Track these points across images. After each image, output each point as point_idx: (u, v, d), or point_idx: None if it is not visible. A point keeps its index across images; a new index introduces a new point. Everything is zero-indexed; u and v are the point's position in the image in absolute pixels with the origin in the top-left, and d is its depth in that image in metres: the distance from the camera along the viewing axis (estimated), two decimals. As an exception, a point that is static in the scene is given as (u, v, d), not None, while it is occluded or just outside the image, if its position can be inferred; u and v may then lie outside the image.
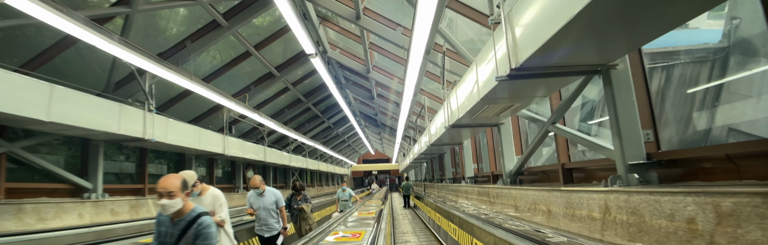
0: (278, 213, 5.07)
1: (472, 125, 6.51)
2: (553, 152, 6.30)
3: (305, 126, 17.01)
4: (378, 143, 36.75)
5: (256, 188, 5.03)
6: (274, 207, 5.02)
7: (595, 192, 3.28)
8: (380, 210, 9.37)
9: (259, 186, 5.03)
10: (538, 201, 4.48)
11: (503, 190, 5.80)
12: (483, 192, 6.96)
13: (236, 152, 10.78)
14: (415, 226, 11.19)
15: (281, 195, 5.14)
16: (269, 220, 5.00)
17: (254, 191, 5.06)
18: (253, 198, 5.09)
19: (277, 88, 11.81)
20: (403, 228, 11.03)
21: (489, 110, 5.18)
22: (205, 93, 8.07)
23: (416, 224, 11.73)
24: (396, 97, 12.68)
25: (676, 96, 3.72)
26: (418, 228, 10.85)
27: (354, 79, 13.42)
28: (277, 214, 5.05)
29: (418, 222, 12.35)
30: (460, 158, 11.41)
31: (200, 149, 8.92)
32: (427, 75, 8.65)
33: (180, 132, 8.21)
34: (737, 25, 3.44)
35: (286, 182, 19.48)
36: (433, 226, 9.52)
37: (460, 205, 8.31)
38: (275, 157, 14.52)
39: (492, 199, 6.41)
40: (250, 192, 5.12)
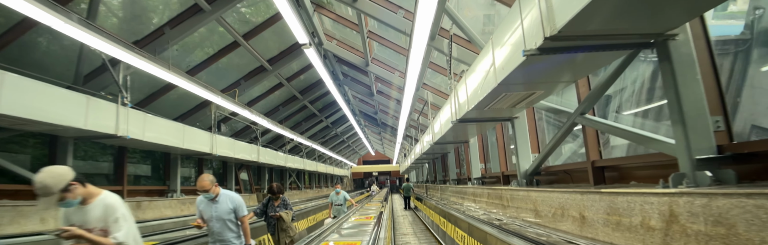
0: (238, 225, 3.68)
1: (482, 120, 5.81)
2: (576, 149, 5.59)
3: (302, 125, 16.31)
4: (378, 144, 36.04)
5: (205, 191, 3.56)
6: (231, 217, 3.60)
7: (654, 195, 2.56)
8: (380, 213, 8.67)
9: (210, 189, 3.55)
10: (567, 205, 3.76)
11: (519, 192, 5.08)
12: (494, 194, 6.24)
13: (226, 152, 10.07)
14: (415, 228, 10.94)
15: (241, 201, 3.71)
16: (226, 235, 3.60)
17: (204, 196, 3.61)
18: (203, 205, 3.66)
19: (270, 83, 11.11)
20: (404, 229, 10.79)
21: (505, 100, 4.48)
22: (188, 86, 7.37)
23: (417, 226, 11.48)
24: (397, 93, 11.98)
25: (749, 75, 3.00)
26: (419, 229, 10.63)
27: (352, 75, 12.73)
28: (236, 227, 3.66)
29: (419, 223, 12.07)
30: (466, 158, 10.69)
31: (185, 148, 8.21)
32: (430, 67, 7.96)
33: (161, 130, 7.50)
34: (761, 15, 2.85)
35: (283, 183, 18.76)
36: (438, 231, 8.79)
37: (466, 208, 7.60)
38: (270, 158, 13.81)
39: (505, 202, 5.69)
40: (198, 197, 3.70)
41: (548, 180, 5.70)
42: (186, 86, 7.41)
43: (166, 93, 8.18)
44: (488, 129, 7.37)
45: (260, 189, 15.46)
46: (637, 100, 4.23)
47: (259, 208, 5.25)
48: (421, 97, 10.69)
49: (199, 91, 7.78)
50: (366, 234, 5.08)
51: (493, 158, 8.88)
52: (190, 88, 7.53)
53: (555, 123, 5.89)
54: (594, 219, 3.29)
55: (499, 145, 7.49)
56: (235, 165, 12.92)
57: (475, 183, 8.60)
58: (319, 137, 20.69)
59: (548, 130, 6.07)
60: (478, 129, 7.54)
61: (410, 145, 20.32)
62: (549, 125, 6.09)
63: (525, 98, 4.39)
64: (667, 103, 2.81)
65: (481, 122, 5.95)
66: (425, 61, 7.67)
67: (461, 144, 10.29)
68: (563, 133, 4.61)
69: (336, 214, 8.15)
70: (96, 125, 5.91)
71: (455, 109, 5.75)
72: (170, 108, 9.17)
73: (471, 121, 5.83)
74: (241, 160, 11.98)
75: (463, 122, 5.82)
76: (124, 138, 6.42)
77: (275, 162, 14.36)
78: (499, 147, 7.48)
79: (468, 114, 5.30)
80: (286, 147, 16.25)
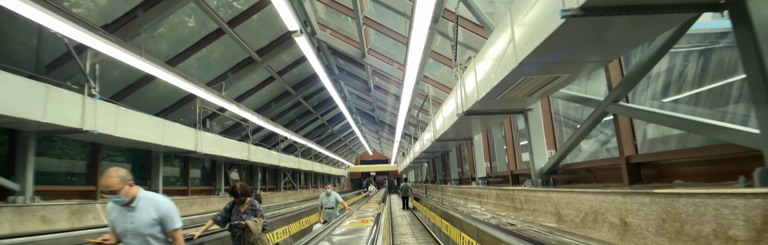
0: (167, 241, 2.56)
1: (491, 112, 5.18)
2: (600, 144, 4.96)
3: (296, 122, 15.65)
4: (376, 143, 35.40)
5: (113, 193, 2.39)
6: (155, 232, 2.48)
7: (739, 197, 1.94)
8: (378, 214, 8.05)
9: (118, 190, 2.39)
10: (601, 208, 3.13)
11: (536, 193, 4.45)
12: (504, 195, 5.60)
13: (213, 149, 9.41)
14: (414, 228, 11.04)
15: (171, 209, 2.55)
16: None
17: (113, 200, 2.46)
18: (115, 213, 2.53)
19: (260, 77, 10.45)
20: (402, 229, 10.87)
21: (522, 87, 3.84)
22: (167, 77, 6.71)
23: (415, 226, 11.56)
24: (395, 88, 11.34)
25: None
26: (417, 229, 10.75)
27: (348, 69, 12.08)
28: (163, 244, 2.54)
29: (417, 223, 12.15)
30: (469, 156, 10.06)
31: (164, 145, 7.55)
32: (433, 56, 7.33)
33: (136, 124, 6.84)
34: None
35: (276, 183, 18.10)
36: (440, 236, 8.15)
37: (470, 210, 6.97)
38: (262, 156, 13.15)
39: (518, 205, 5.05)
40: (108, 203, 2.57)
41: (566, 179, 5.08)
42: (164, 77, 6.75)
43: (145, 85, 7.52)
44: (496, 124, 6.75)
45: (253, 189, 14.79)
46: (680, 84, 3.60)
47: (221, 214, 4.16)
48: (421, 91, 10.07)
49: (180, 82, 7.12)
50: (362, 241, 4.45)
51: (499, 156, 8.26)
52: (170, 80, 6.87)
53: (575, 114, 5.26)
54: (641, 226, 2.66)
55: (508, 142, 6.86)
56: (225, 164, 12.25)
57: (480, 183, 7.97)
58: (315, 136, 20.02)
59: (566, 123, 5.44)
60: (483, 125, 6.91)
61: (409, 144, 19.71)
62: (566, 118, 5.46)
63: (546, 84, 3.75)
64: (746, 78, 2.18)
65: (489, 115, 5.32)
66: (427, 49, 7.04)
67: (464, 141, 9.66)
68: (590, 125, 3.98)
69: (327, 219, 7.35)
70: (57, 118, 5.24)
71: (461, 101, 5.11)
72: (151, 102, 8.51)
73: (479, 114, 5.19)
74: (231, 159, 11.32)
75: (469, 115, 5.18)
76: (92, 132, 5.76)
77: (268, 162, 13.69)
78: (508, 143, 6.85)
79: (476, 105, 4.66)
80: (280, 146, 15.59)
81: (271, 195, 15.78)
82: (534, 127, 5.18)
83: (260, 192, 14.88)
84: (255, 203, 4.16)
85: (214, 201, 10.70)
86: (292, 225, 8.38)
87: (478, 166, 8.18)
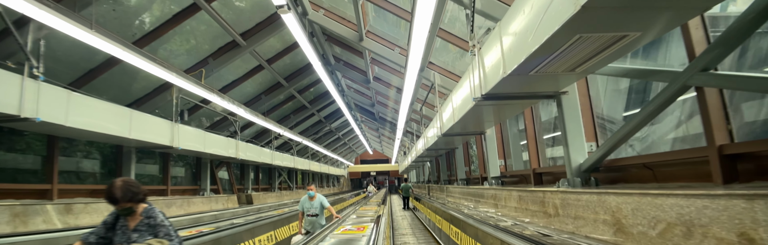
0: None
1: (516, 96, 4.20)
2: (657, 133, 3.97)
3: (290, 118, 14.66)
4: (376, 141, 34.41)
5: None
6: None
7: None
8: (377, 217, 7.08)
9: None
10: (701, 219, 2.15)
11: (581, 196, 3.46)
12: (531, 198, 4.61)
13: (193, 145, 8.43)
14: (414, 229, 11.00)
15: None
16: None
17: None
18: None
19: (246, 64, 9.46)
20: (403, 230, 10.80)
21: (572, 54, 2.87)
22: (132, 59, 5.76)
23: (415, 226, 11.51)
24: (397, 79, 10.37)
25: None
26: (418, 229, 10.77)
27: (345, 58, 11.09)
28: None
29: (418, 223, 12.13)
30: (479, 153, 9.08)
31: (132, 138, 6.58)
32: (440, 35, 6.35)
33: (95, 114, 5.86)
34: None
35: (271, 183, 17.13)
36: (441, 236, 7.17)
37: (485, 215, 6.00)
38: (253, 154, 12.17)
39: (550, 210, 4.07)
40: None
41: (610, 178, 4.10)
42: (130, 59, 5.80)
43: (108, 70, 6.55)
44: (516, 113, 5.75)
45: (243, 189, 13.83)
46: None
47: (95, 232, 2.38)
48: (426, 81, 9.09)
49: (150, 67, 6.15)
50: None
51: (515, 153, 7.28)
52: (137, 63, 5.91)
53: (622, 99, 4.27)
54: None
55: (529, 135, 5.88)
56: (211, 162, 11.28)
57: (494, 184, 6.99)
58: (311, 133, 19.04)
59: (609, 110, 4.45)
60: (498, 116, 5.92)
61: (411, 142, 18.77)
62: (608, 104, 4.47)
63: (603, 48, 2.77)
64: None
65: (513, 100, 4.33)
66: (434, 27, 6.06)
67: (474, 137, 8.69)
68: (659, 106, 3.00)
69: (310, 229, 5.84)
70: (-17, 102, 4.27)
71: (479, 81, 4.13)
72: (120, 91, 7.54)
73: (500, 98, 4.21)
74: (217, 157, 10.35)
75: (489, 99, 4.20)
76: (33, 121, 4.78)
77: (260, 160, 12.72)
78: (529, 137, 5.87)
79: (499, 86, 3.70)
80: (273, 144, 14.61)
81: (265, 195, 14.80)
82: (570, 115, 4.19)
83: (252, 192, 13.90)
84: (155, 213, 2.37)
85: (197, 202, 9.72)
86: (279, 230, 7.41)
87: (491, 164, 7.19)
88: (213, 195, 10.79)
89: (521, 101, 4.48)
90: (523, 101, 4.49)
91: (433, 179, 16.91)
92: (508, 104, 4.69)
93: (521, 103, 4.65)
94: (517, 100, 4.38)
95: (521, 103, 4.65)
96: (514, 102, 4.51)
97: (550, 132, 5.78)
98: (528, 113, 5.93)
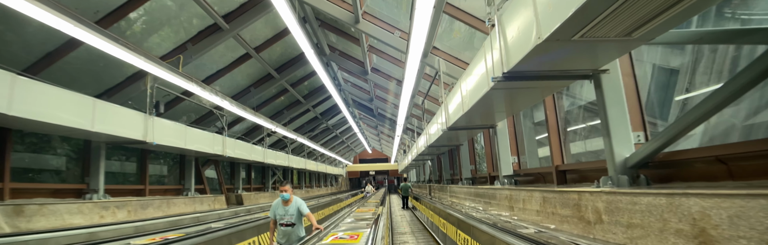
0: None
1: (545, 75, 3.40)
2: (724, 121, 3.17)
3: (283, 114, 13.85)
4: (375, 140, 33.61)
5: None
6: None
7: None
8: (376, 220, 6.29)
9: None
10: None
11: (639, 198, 2.68)
12: (560, 200, 3.81)
13: (171, 140, 7.63)
14: (413, 227, 10.93)
15: None
16: None
17: None
18: None
19: (232, 52, 8.64)
20: (402, 228, 10.73)
21: (637, 4, 2.08)
22: (93, 40, 4.99)
23: (415, 225, 11.46)
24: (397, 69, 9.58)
25: None
26: (417, 228, 10.68)
27: (341, 47, 10.28)
28: None
29: (417, 223, 12.11)
30: (488, 150, 8.29)
31: (96, 131, 5.77)
32: (447, 11, 5.55)
33: (48, 102, 5.06)
34: None
35: (264, 183, 16.32)
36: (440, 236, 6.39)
37: (496, 219, 5.21)
38: (243, 151, 11.37)
39: (590, 215, 3.27)
40: None
41: (662, 175, 3.30)
42: (91, 40, 5.02)
43: (69, 53, 5.75)
44: (538, 101, 4.91)
45: (233, 189, 13.02)
46: None
47: None
48: (428, 71, 8.31)
49: (114, 49, 5.37)
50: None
51: (529, 149, 6.48)
52: (98, 44, 5.13)
53: (668, 80, 3.48)
54: None
55: (551, 127, 5.07)
56: (197, 159, 10.47)
57: (506, 183, 6.19)
58: (307, 130, 18.23)
59: (657, 93, 3.65)
60: (513, 106, 5.12)
61: (411, 140, 18.02)
62: (657, 84, 3.68)
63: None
64: None
65: (541, 81, 3.52)
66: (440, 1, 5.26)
67: (482, 131, 7.90)
68: (751, 80, 2.20)
69: (283, 242, 4.33)
70: None
71: (501, 55, 3.33)
72: (86, 79, 6.74)
73: (525, 78, 3.42)
74: (203, 154, 9.55)
75: (511, 80, 3.40)
76: (-40, 108, 3.97)
77: (250, 158, 11.92)
78: (551, 130, 5.06)
79: (527, 61, 2.93)
80: (266, 141, 13.80)
81: (257, 195, 14.00)
82: (612, 99, 3.40)
83: (243, 192, 13.10)
84: None
85: (179, 202, 8.91)
86: (264, 236, 6.60)
87: (503, 162, 6.39)
88: (198, 195, 9.99)
89: (550, 83, 3.67)
90: (552, 83, 3.68)
91: (434, 178, 16.12)
92: (531, 88, 3.89)
93: (549, 86, 3.84)
94: (545, 81, 3.57)
95: (549, 86, 3.84)
96: (541, 84, 3.71)
97: (576, 123, 4.99)
98: (549, 102, 5.12)
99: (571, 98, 5.12)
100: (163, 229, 6.39)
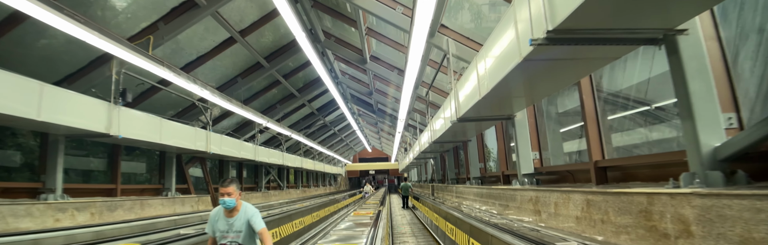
0: None
1: (606, 36, 2.49)
2: None
3: (276, 108, 12.93)
4: (375, 138, 32.70)
5: None
6: None
7: None
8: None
9: None
10: None
11: (765, 204, 1.76)
12: (618, 205, 2.91)
13: (143, 134, 6.75)
14: (413, 227, 10.75)
15: None
16: None
17: None
18: None
19: (214, 36, 7.73)
20: (402, 228, 10.54)
21: None
22: (40, 13, 4.12)
23: (414, 225, 11.28)
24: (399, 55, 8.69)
25: None
26: (417, 228, 10.51)
27: (338, 33, 9.36)
28: None
29: (416, 222, 11.96)
30: (501, 145, 7.40)
31: (44, 121, 4.88)
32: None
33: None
34: None
35: (257, 182, 15.42)
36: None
37: (518, 225, 4.32)
38: (232, 148, 10.48)
39: (669, 226, 2.37)
40: None
41: (762, 170, 2.40)
42: (39, 14, 4.16)
43: (14, 28, 4.84)
44: (582, 76, 3.91)
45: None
46: None
47: None
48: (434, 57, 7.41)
49: (63, 23, 4.48)
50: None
51: (554, 143, 5.59)
52: (41, 15, 4.24)
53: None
54: None
55: (588, 114, 4.16)
56: (179, 157, 9.58)
57: (526, 183, 5.30)
58: (303, 127, 17.33)
59: (746, 64, 2.75)
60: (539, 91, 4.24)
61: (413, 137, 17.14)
62: (746, 52, 2.77)
63: None
64: None
65: (599, 45, 2.61)
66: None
67: (497, 123, 7.00)
68: None
69: None
70: None
71: (544, 7, 2.43)
72: (41, 63, 5.86)
73: (576, 42, 2.51)
74: (184, 150, 8.66)
75: (557, 43, 2.51)
76: None
77: (240, 155, 11.02)
78: (589, 117, 4.15)
79: (582, 11, 2.04)
80: (258, 138, 12.91)
81: (248, 195, 13.09)
82: (693, 69, 2.51)
83: (232, 192, 12.17)
84: None
85: (155, 204, 8.01)
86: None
87: (522, 158, 5.48)
88: (179, 195, 9.08)
89: (606, 50, 2.76)
90: (610, 50, 2.77)
91: (437, 178, 15.22)
92: (577, 59, 2.98)
93: (603, 55, 2.93)
94: (602, 47, 2.66)
95: (603, 55, 2.93)
96: (594, 52, 2.80)
97: (620, 110, 4.09)
98: (585, 84, 4.22)
99: (613, 77, 4.22)
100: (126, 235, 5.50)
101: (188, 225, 6.62)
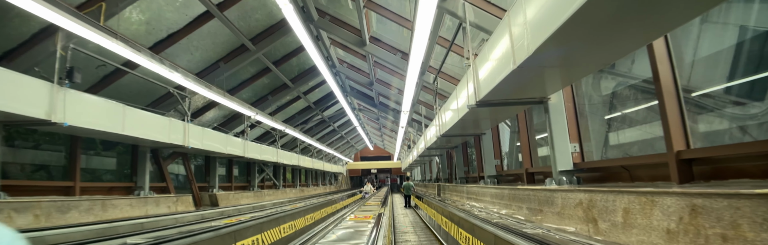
0: None
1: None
2: None
3: (268, 100, 11.84)
4: (377, 136, 31.60)
5: None
6: None
7: None
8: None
9: None
10: None
11: None
12: (752, 213, 1.79)
13: (99, 122, 5.70)
14: (415, 227, 10.57)
15: None
16: None
17: None
18: None
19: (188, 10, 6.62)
20: (404, 228, 10.44)
21: None
22: None
23: (416, 224, 11.12)
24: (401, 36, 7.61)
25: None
26: (419, 228, 10.37)
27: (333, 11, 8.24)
28: None
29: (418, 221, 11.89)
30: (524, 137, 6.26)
31: None
32: None
33: None
34: None
35: (250, 181, 14.36)
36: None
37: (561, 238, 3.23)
38: (216, 143, 9.43)
39: None
40: None
41: None
42: None
43: None
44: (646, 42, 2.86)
45: (208, 188, 11.06)
46: None
47: None
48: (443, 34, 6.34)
49: None
50: None
51: (596, 133, 4.48)
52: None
53: None
54: None
55: (666, 89, 3.04)
56: (155, 152, 8.53)
57: (565, 183, 4.20)
58: (299, 122, 16.24)
59: None
60: (585, 69, 3.13)
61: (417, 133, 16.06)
62: None
63: None
64: None
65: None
66: None
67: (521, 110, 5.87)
68: None
69: None
70: None
71: None
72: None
73: None
74: (159, 144, 7.60)
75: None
76: None
77: (226, 151, 9.97)
78: (667, 93, 3.03)
79: None
80: (248, 132, 11.84)
81: (237, 195, 12.00)
82: None
83: (219, 191, 11.12)
84: None
85: (122, 204, 6.95)
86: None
87: (559, 152, 4.36)
88: (152, 195, 8.02)
89: None
90: None
91: (443, 177, 14.12)
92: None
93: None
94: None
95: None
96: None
97: (717, 82, 2.98)
98: (659, 46, 3.09)
99: (694, 40, 3.11)
100: (68, 242, 4.43)
101: (151, 231, 5.55)
